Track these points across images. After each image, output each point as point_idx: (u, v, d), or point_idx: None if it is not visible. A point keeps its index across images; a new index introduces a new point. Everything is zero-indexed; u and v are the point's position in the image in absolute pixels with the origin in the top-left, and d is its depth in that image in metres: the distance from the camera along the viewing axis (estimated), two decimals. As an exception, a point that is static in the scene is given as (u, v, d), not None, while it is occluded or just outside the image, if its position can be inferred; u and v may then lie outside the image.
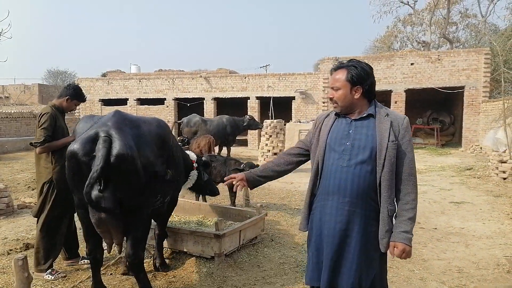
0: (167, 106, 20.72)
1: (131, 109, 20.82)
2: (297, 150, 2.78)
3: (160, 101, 20.95)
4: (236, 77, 20.09)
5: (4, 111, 20.47)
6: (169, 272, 4.39)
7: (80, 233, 4.30)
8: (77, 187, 3.17)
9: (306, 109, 19.28)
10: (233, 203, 6.83)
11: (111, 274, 4.31)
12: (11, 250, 5.13)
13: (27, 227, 6.18)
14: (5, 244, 5.39)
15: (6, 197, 7.00)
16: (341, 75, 2.38)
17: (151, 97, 21.17)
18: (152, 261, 4.50)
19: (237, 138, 17.91)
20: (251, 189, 2.92)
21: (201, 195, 7.13)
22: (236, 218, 5.59)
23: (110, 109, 21.99)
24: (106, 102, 22.29)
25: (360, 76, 2.33)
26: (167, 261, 4.65)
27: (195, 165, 4.84)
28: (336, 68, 2.44)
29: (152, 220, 4.13)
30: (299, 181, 10.22)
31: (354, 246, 2.32)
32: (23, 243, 5.31)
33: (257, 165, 6.66)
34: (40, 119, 4.16)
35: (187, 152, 4.85)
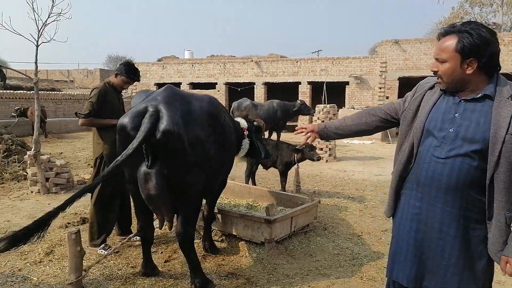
0: (218, 91, 20.82)
1: (184, 93, 21.23)
2: (382, 114, 2.32)
3: (211, 86, 21.10)
4: (288, 62, 19.65)
5: (68, 93, 21.74)
6: (218, 254, 4.27)
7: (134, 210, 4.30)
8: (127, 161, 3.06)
9: (361, 95, 18.45)
10: (283, 188, 6.59)
11: (161, 252, 4.27)
12: (69, 223, 5.30)
13: (84, 202, 6.34)
14: (63, 218, 5.58)
15: (66, 172, 7.30)
16: (450, 43, 1.85)
17: (203, 81, 21.38)
18: (201, 243, 4.40)
19: (287, 124, 17.62)
20: (321, 139, 2.63)
21: (251, 179, 6.99)
22: (287, 204, 5.35)
23: (163, 93, 22.58)
24: (161, 86, 22.82)
25: (475, 45, 1.78)
26: (216, 243, 4.54)
27: (245, 133, 4.58)
28: (444, 33, 1.91)
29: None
30: (352, 169, 9.76)
31: (450, 253, 1.90)
32: (80, 217, 5.47)
33: (315, 147, 6.35)
34: (91, 93, 4.28)
35: (237, 119, 4.64)
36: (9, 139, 8.83)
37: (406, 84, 20.05)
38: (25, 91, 18.08)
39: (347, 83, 18.77)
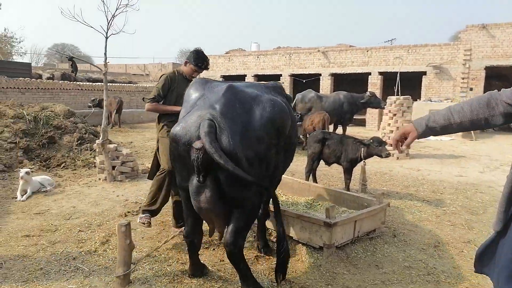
0: (283, 82, 20.41)
1: (249, 85, 21.20)
2: (506, 108, 1.77)
3: (276, 77, 20.77)
4: (357, 51, 18.58)
5: (141, 85, 22.91)
6: (272, 256, 3.94)
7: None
8: (178, 169, 2.99)
9: (440, 86, 16.83)
10: (347, 187, 6.06)
11: (214, 249, 4.05)
12: (128, 212, 5.34)
13: (146, 191, 6.45)
14: (124, 206, 5.67)
15: (132, 161, 7.49)
16: None
17: (268, 73, 21.12)
18: (255, 243, 4.11)
19: (354, 117, 16.70)
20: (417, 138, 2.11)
21: (311, 175, 6.56)
22: (351, 205, 4.84)
23: (229, 85, 22.78)
24: (227, 79, 23.10)
25: None
26: (270, 244, 4.22)
27: None
28: None
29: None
30: (428, 168, 8.82)
31: None
32: (140, 207, 5.49)
33: (385, 142, 5.74)
34: (159, 79, 4.35)
35: None
36: (83, 128, 9.35)
37: (494, 74, 17.92)
38: (101, 83, 19.33)
39: (424, 73, 17.24)
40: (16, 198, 5.83)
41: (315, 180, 6.58)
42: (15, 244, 4.00)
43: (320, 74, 19.56)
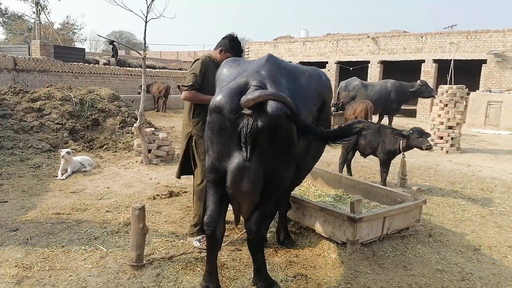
0: (328, 70, 19.77)
1: (294, 73, 20.78)
2: None
3: (322, 65, 20.15)
4: (410, 37, 17.45)
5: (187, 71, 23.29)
6: (292, 249, 3.77)
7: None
8: (215, 147, 2.63)
9: (502, 76, 15.40)
10: (383, 181, 5.68)
11: (238, 250, 3.69)
12: (157, 195, 5.40)
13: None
14: (155, 189, 5.75)
15: (167, 145, 7.60)
16: None
17: (314, 60, 20.54)
18: (275, 234, 3.96)
19: (404, 107, 15.80)
20: None
21: (346, 167, 6.24)
22: (383, 200, 4.52)
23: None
24: (272, 65, 22.80)
25: None
26: (293, 236, 4.05)
27: None
28: None
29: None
30: (479, 164, 8.10)
31: None
32: (169, 191, 5.53)
33: (427, 133, 5.31)
34: (192, 64, 3.80)
35: None
36: (125, 112, 9.64)
37: None
38: (150, 69, 19.87)
39: (484, 61, 15.85)
40: (57, 176, 6.12)
41: (349, 172, 6.26)
42: (44, 221, 4.17)
43: (368, 62, 18.67)
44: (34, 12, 33.75)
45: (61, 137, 8.15)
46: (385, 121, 12.33)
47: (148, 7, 6.98)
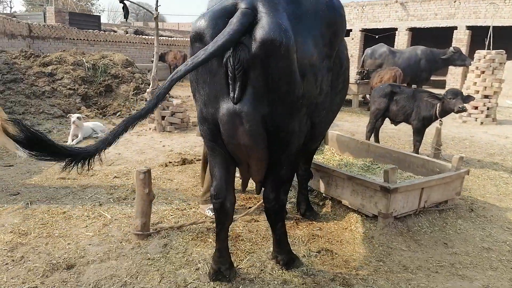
0: (352, 38, 18.78)
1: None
2: None
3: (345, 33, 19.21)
4: (442, 1, 16.21)
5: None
6: (315, 221, 3.38)
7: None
8: (201, 89, 2.12)
9: (541, 44, 14.23)
10: (416, 151, 5.16)
11: (255, 221, 3.32)
12: (170, 162, 5.06)
13: (193, 143, 6.17)
14: (168, 156, 5.42)
15: (181, 112, 7.23)
16: None
17: (337, 29, 19.57)
18: (296, 206, 3.56)
19: (432, 77, 14.86)
20: None
21: (374, 136, 5.74)
22: (418, 170, 4.03)
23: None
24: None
25: None
26: (316, 207, 3.65)
27: None
28: None
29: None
30: (519, 136, 7.43)
31: None
32: (182, 158, 5.19)
33: (461, 94, 4.72)
34: None
35: None
36: (139, 78, 9.28)
37: None
38: (166, 38, 19.37)
39: (523, 28, 14.64)
40: (67, 142, 5.86)
41: (377, 141, 5.74)
42: (47, 186, 3.89)
43: (396, 29, 17.57)
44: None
45: (73, 103, 7.88)
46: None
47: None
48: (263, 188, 2.52)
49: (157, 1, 6.82)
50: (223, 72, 1.96)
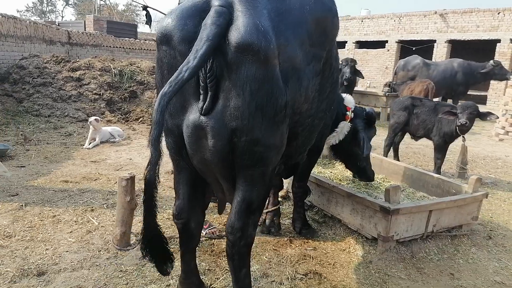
0: (388, 50, 18.17)
1: (348, 53, 19.40)
2: None
3: (381, 44, 18.60)
4: (485, 13, 15.37)
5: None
6: (311, 240, 3.15)
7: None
8: None
9: None
10: (437, 170, 4.77)
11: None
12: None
13: (206, 151, 6.09)
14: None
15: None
16: None
17: (371, 39, 19.01)
18: (292, 223, 3.35)
19: (472, 92, 14.05)
20: None
21: (393, 150, 5.40)
22: (433, 190, 3.70)
23: (328, 52, 21.26)
24: (326, 45, 21.54)
25: None
26: (315, 225, 3.42)
27: (349, 113, 3.09)
28: None
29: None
30: (562, 157, 6.75)
31: None
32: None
33: (474, 107, 4.33)
34: None
35: (343, 95, 3.18)
36: (164, 85, 9.38)
37: None
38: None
39: None
40: (84, 145, 5.97)
41: (396, 157, 5.40)
42: (48, 188, 3.92)
43: (434, 41, 16.84)
44: (99, -7, 35.19)
45: (98, 107, 8.07)
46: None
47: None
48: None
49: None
50: (193, 80, 1.73)
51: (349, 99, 3.14)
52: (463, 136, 4.57)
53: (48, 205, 3.47)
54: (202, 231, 3.04)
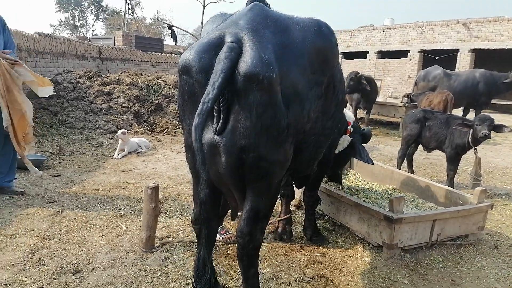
0: (410, 60, 18.15)
1: (370, 63, 19.48)
2: None
3: (403, 54, 18.57)
4: (509, 22, 15.16)
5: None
6: (321, 246, 3.37)
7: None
8: (187, 118, 2.21)
9: None
10: (449, 180, 4.88)
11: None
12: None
13: (226, 162, 6.38)
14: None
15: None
16: None
17: (393, 49, 19.02)
18: (303, 230, 3.57)
19: (497, 102, 13.85)
20: None
21: (407, 162, 5.53)
22: (441, 201, 3.85)
23: (349, 63, 21.42)
24: (348, 55, 21.71)
25: None
26: (325, 233, 3.63)
27: (349, 128, 3.41)
28: None
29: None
30: None
31: None
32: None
33: (491, 119, 4.42)
34: None
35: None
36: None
37: None
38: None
39: None
40: (113, 156, 6.39)
41: (410, 169, 5.53)
42: (82, 195, 4.30)
43: (457, 50, 16.71)
44: (129, 9, 36.66)
45: (126, 119, 8.57)
46: (470, 116, 10.86)
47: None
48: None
49: (201, 27, 7.29)
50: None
51: (349, 115, 3.42)
52: (475, 148, 4.67)
53: (82, 211, 3.84)
54: (219, 236, 3.34)
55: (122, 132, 6.52)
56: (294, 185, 3.56)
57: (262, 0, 2.65)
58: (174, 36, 6.79)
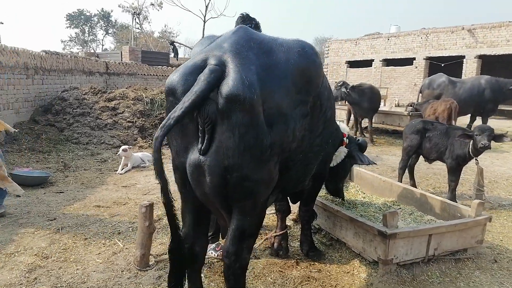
0: (416, 67, 18.06)
1: (375, 71, 19.45)
2: None
3: (408, 61, 18.50)
4: (516, 27, 15.05)
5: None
6: (317, 262, 3.35)
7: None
8: (173, 139, 2.24)
9: None
10: (451, 192, 4.82)
11: (255, 258, 3.40)
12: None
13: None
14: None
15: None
16: None
17: (399, 57, 18.96)
18: (300, 245, 3.56)
19: (506, 108, 13.67)
20: None
21: (408, 173, 5.49)
22: (439, 214, 3.80)
23: (355, 72, 21.41)
24: (352, 64, 21.72)
25: None
26: (322, 248, 3.61)
27: (345, 139, 3.43)
28: None
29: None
30: None
31: None
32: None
33: (491, 130, 4.37)
34: None
35: (338, 123, 3.46)
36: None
37: None
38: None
39: None
40: (117, 171, 6.47)
41: (412, 180, 5.48)
42: (82, 213, 4.36)
43: (463, 57, 16.58)
44: (137, 23, 37.31)
45: (131, 134, 8.68)
46: (477, 123, 10.73)
47: (207, 7, 7.03)
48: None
49: (203, 42, 7.40)
50: (194, 125, 2.09)
51: (343, 127, 3.43)
52: (476, 159, 4.62)
53: (81, 229, 3.89)
54: (214, 253, 3.35)
55: (123, 149, 6.60)
56: (289, 200, 3.57)
57: (252, 19, 2.75)
58: (175, 51, 6.90)
